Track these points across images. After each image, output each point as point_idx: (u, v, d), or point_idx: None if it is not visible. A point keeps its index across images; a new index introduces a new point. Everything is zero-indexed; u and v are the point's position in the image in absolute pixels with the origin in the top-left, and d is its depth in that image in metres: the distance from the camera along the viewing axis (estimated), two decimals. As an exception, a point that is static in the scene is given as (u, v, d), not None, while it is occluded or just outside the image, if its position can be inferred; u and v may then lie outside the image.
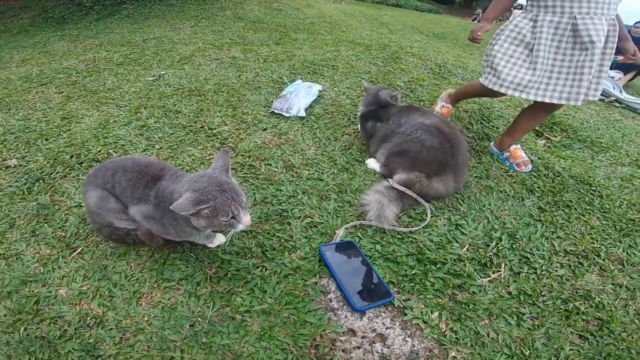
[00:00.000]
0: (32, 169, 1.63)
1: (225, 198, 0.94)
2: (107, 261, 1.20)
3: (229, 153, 1.07)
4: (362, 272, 1.18)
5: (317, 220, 1.38)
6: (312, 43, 3.45)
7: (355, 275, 1.16)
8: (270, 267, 1.19)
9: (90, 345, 0.98)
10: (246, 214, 0.99)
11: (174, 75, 2.54)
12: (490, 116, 2.29)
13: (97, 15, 4.50)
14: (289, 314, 1.07)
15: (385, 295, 1.11)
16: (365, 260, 1.22)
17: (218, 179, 0.97)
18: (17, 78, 2.60)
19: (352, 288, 1.12)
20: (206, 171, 1.02)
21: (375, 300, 1.10)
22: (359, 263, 1.21)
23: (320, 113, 2.12)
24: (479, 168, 1.81)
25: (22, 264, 1.20)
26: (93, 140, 1.82)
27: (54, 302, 1.08)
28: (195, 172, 1.03)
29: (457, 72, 3.04)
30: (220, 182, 0.96)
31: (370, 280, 1.16)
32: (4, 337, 1.00)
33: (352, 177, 1.62)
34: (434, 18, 9.87)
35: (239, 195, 0.98)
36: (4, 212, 1.40)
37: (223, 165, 1.02)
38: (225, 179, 0.98)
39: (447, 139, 1.55)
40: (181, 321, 1.04)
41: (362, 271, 1.18)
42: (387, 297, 1.11)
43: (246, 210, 1.00)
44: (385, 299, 1.10)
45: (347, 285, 1.12)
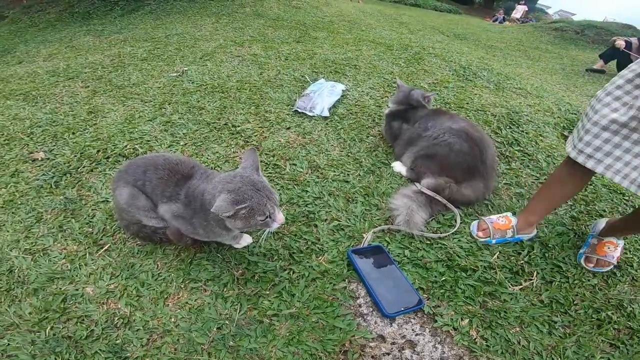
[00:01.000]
0: (59, 163, 1.65)
1: (260, 197, 0.93)
2: (134, 259, 1.20)
3: (257, 152, 1.04)
4: (391, 277, 1.15)
5: (344, 223, 1.34)
6: (333, 42, 3.41)
7: (384, 281, 1.13)
8: (297, 270, 1.16)
9: (117, 346, 0.97)
10: (280, 212, 0.98)
11: (197, 71, 2.54)
12: (520, 120, 2.21)
13: (121, 11, 4.57)
14: (317, 319, 1.04)
15: (415, 301, 1.08)
16: (394, 266, 1.18)
17: (251, 178, 0.95)
18: (44, 72, 2.65)
19: (382, 293, 1.09)
20: (237, 171, 1.00)
21: (405, 306, 1.06)
22: (388, 268, 1.18)
23: (344, 113, 2.08)
24: (509, 174, 1.75)
25: (49, 259, 1.20)
26: (119, 135, 1.83)
27: (81, 301, 1.08)
28: (226, 172, 1.01)
29: (482, 75, 2.95)
30: (253, 182, 0.95)
31: (400, 285, 1.13)
32: (29, 336, 0.99)
33: (379, 180, 1.59)
34: (453, 18, 9.69)
35: (273, 194, 0.97)
36: (31, 206, 1.41)
37: (253, 164, 1.01)
38: (258, 178, 0.97)
39: (476, 143, 1.50)
40: (208, 323, 1.02)
41: (391, 276, 1.15)
42: (417, 304, 1.07)
43: (279, 208, 0.98)
44: (415, 306, 1.07)
45: (377, 291, 1.09)
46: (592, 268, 1.29)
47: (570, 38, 7.12)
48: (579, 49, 6.61)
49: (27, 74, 2.65)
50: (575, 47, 6.71)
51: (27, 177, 1.58)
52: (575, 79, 4.38)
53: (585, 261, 1.31)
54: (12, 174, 1.61)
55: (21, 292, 1.11)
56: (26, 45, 3.76)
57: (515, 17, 14.28)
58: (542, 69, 4.48)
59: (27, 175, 1.60)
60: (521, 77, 3.23)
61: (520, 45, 6.11)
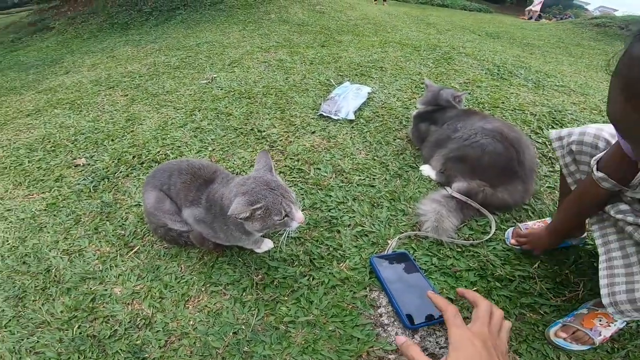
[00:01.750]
0: (98, 168, 1.75)
1: (275, 196, 0.91)
2: (160, 261, 1.23)
3: (269, 154, 1.03)
4: (416, 286, 1.08)
5: (368, 229, 1.29)
6: (358, 45, 3.37)
7: (408, 290, 1.06)
8: (317, 277, 1.13)
9: (137, 347, 0.99)
10: (298, 210, 0.96)
11: (225, 78, 2.61)
12: (563, 119, 2.04)
13: (155, 21, 4.85)
14: (334, 327, 1.00)
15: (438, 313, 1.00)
16: (420, 274, 1.11)
17: (264, 179, 0.94)
18: (88, 81, 2.85)
19: (405, 303, 1.02)
20: (250, 173, 0.99)
21: (429, 317, 0.99)
22: (413, 276, 1.11)
23: (370, 116, 2.03)
24: (552, 177, 1.60)
25: (84, 260, 1.27)
26: (153, 142, 1.91)
27: (109, 301, 1.12)
28: (241, 176, 1.01)
29: (519, 73, 2.77)
30: (266, 181, 0.94)
31: (425, 295, 1.06)
32: (58, 334, 1.04)
33: (406, 184, 1.52)
34: (484, 17, 9.29)
35: (288, 192, 0.95)
36: (71, 209, 1.50)
37: (266, 165, 1.00)
38: (271, 178, 0.96)
39: (512, 144, 1.38)
40: (225, 328, 1.02)
41: (416, 285, 1.08)
42: (440, 317, 0.99)
43: (297, 206, 0.96)
44: (441, 317, 0.99)
45: (400, 300, 1.03)
46: (562, 342, 0.96)
47: (615, 34, 6.56)
48: (624, 44, 6.06)
49: (73, 84, 2.87)
50: (620, 43, 6.10)
51: (69, 182, 1.69)
52: None
53: (558, 331, 0.97)
54: (56, 178, 1.73)
55: (55, 291, 1.17)
56: (72, 55, 4.09)
57: (533, 9, 13.48)
58: (586, 66, 4.14)
59: (69, 180, 1.71)
60: (563, 75, 2.99)
61: (560, 42, 5.71)
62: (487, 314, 0.75)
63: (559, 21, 10.06)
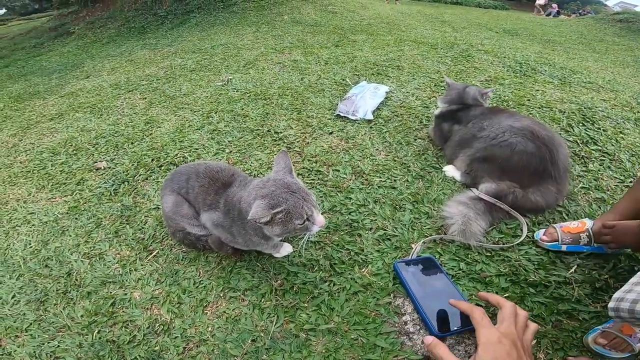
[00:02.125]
0: (118, 172, 1.76)
1: (296, 199, 0.87)
2: (179, 266, 1.21)
3: (288, 154, 1.00)
4: (443, 292, 1.02)
5: (391, 232, 1.24)
6: (372, 44, 3.32)
7: (435, 296, 1.00)
8: (338, 282, 1.09)
9: (155, 353, 0.97)
10: (319, 214, 0.92)
11: (241, 79, 2.60)
12: (594, 117, 1.92)
13: (170, 24, 4.93)
14: (357, 336, 0.96)
15: (470, 319, 0.94)
16: (447, 279, 1.05)
17: (284, 181, 0.90)
18: (108, 85, 2.91)
19: (432, 310, 0.97)
20: (269, 175, 0.96)
21: (458, 325, 0.93)
22: (440, 282, 1.05)
23: (389, 116, 1.97)
24: (586, 177, 1.51)
25: (104, 264, 1.26)
26: (171, 144, 1.91)
27: (128, 305, 1.11)
28: (259, 178, 0.97)
29: (543, 69, 2.65)
30: (287, 184, 0.90)
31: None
32: (78, 338, 1.03)
33: (429, 186, 1.46)
34: (500, 14, 9.03)
35: (309, 195, 0.91)
36: (92, 212, 1.51)
37: (285, 167, 0.96)
38: (291, 180, 0.92)
39: (545, 143, 1.30)
40: (244, 335, 0.99)
41: (443, 291, 1.02)
42: (470, 324, 0.94)
43: (318, 209, 0.92)
44: (470, 325, 0.93)
45: (426, 307, 0.97)
46: (601, 350, 0.89)
47: (639, 29, 6.26)
48: None
49: (94, 88, 2.93)
50: None
51: (90, 185, 1.71)
52: None
53: (597, 337, 0.90)
54: (78, 182, 1.75)
55: (76, 294, 1.17)
56: (92, 60, 4.19)
57: (540, 3, 13.03)
58: (613, 62, 3.95)
59: (90, 183, 1.73)
60: (589, 71, 2.86)
61: (582, 38, 5.50)
62: (513, 315, 0.76)
63: (578, 17, 9.71)
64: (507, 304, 0.78)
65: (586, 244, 1.12)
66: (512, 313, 0.76)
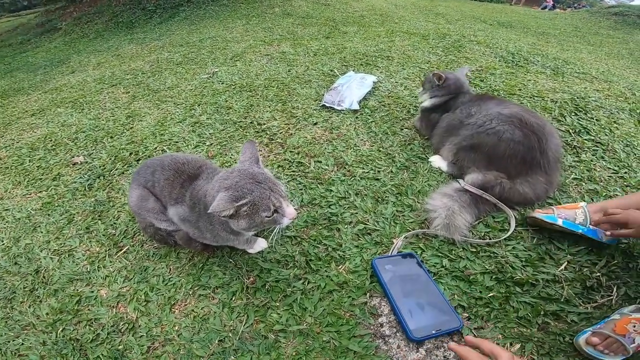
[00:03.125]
0: (95, 166, 1.70)
1: (262, 190, 0.81)
2: (149, 262, 1.16)
3: (255, 143, 0.94)
4: (424, 292, 0.96)
5: (371, 226, 1.18)
6: (364, 35, 3.24)
7: (414, 296, 0.95)
8: (313, 280, 1.03)
9: (118, 352, 0.94)
10: (289, 205, 0.85)
11: (227, 72, 2.53)
12: (587, 107, 1.86)
13: (159, 19, 4.84)
14: (329, 338, 0.90)
15: (451, 322, 0.88)
16: (428, 278, 0.99)
17: (249, 171, 0.84)
18: (92, 80, 2.84)
19: (410, 311, 0.91)
20: (235, 166, 0.89)
21: (437, 328, 0.87)
22: (420, 281, 0.99)
23: (376, 106, 1.91)
24: (578, 168, 1.44)
25: (73, 261, 1.22)
26: (151, 138, 1.85)
27: (94, 303, 1.07)
28: (224, 170, 0.91)
29: (536, 60, 2.58)
30: (253, 174, 0.84)
31: (434, 302, 0.93)
32: (42, 336, 1.00)
33: (414, 177, 1.39)
34: (496, 7, 8.91)
35: (277, 185, 0.85)
36: (65, 208, 1.46)
37: (252, 156, 0.90)
38: (257, 170, 0.86)
39: (534, 131, 1.24)
40: (211, 335, 0.94)
41: (424, 291, 0.96)
42: (453, 325, 0.88)
43: (288, 200, 0.86)
44: (450, 327, 0.87)
45: (404, 308, 0.91)
46: (593, 352, 0.84)
47: (634, 22, 6.21)
48: None
49: (78, 83, 2.86)
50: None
51: (66, 181, 1.65)
52: None
53: (589, 337, 0.85)
54: (54, 177, 1.69)
55: (43, 292, 1.13)
56: (79, 55, 4.10)
57: None
58: (607, 54, 3.88)
59: (66, 178, 1.67)
60: (583, 62, 2.79)
61: (576, 31, 5.42)
62: None
63: (574, 11, 9.62)
64: (504, 354, 0.70)
65: (582, 222, 1.06)
66: None
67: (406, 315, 0.89)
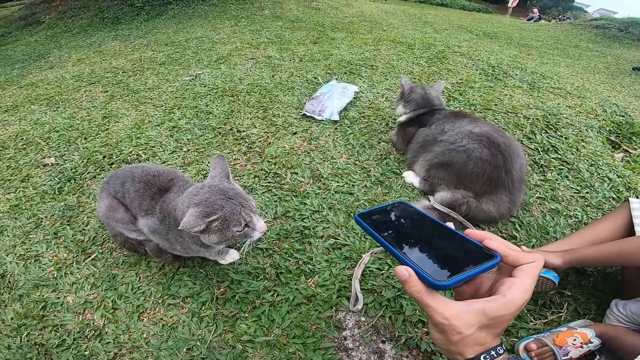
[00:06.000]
0: (66, 168, 1.66)
1: (233, 206, 0.83)
2: (118, 270, 1.15)
3: (225, 158, 0.95)
4: (433, 234, 0.59)
5: (342, 241, 1.21)
6: (351, 42, 3.28)
7: (423, 241, 0.58)
8: (282, 293, 1.05)
9: (84, 357, 0.94)
10: (260, 219, 0.87)
11: (210, 75, 2.51)
12: (558, 124, 1.95)
13: (146, 16, 4.74)
14: (295, 350, 0.93)
15: (481, 256, 0.50)
16: (432, 219, 0.61)
17: (220, 187, 0.86)
18: (70, 77, 2.76)
19: (422, 258, 0.53)
20: (204, 182, 0.90)
21: (467, 266, 0.48)
22: (424, 223, 0.62)
23: (356, 117, 1.94)
24: (543, 187, 1.52)
25: (39, 266, 1.19)
26: (126, 141, 1.82)
27: (60, 309, 1.06)
28: (194, 185, 0.92)
29: (514, 74, 2.68)
30: (223, 190, 0.85)
31: (451, 242, 0.56)
32: (7, 340, 0.99)
33: (387, 192, 1.43)
34: (483, 17, 9.17)
35: (248, 200, 0.87)
36: (33, 212, 1.42)
37: (222, 172, 0.91)
38: (228, 186, 0.87)
39: (500, 150, 1.29)
40: (179, 343, 0.95)
41: (432, 233, 0.59)
42: (487, 260, 0.49)
43: (258, 215, 0.88)
44: (486, 263, 0.48)
45: (413, 255, 0.53)
46: (525, 357, 0.91)
47: (614, 36, 6.49)
48: (623, 46, 5.98)
49: (55, 79, 2.77)
50: (619, 45, 6.08)
51: (35, 183, 1.61)
52: (621, 78, 3.90)
53: (529, 343, 0.92)
54: (22, 178, 1.64)
55: (8, 297, 1.11)
56: (60, 50, 3.98)
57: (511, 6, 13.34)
58: (584, 68, 4.05)
59: (36, 180, 1.63)
60: (560, 76, 2.90)
61: (557, 43, 5.62)
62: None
63: (557, 22, 9.96)
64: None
65: None
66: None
67: (420, 262, 0.52)
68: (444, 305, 0.42)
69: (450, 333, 0.41)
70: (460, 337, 0.41)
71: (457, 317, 0.41)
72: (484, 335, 0.42)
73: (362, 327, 0.98)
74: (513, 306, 0.42)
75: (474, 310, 0.41)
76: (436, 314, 0.42)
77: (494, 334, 0.43)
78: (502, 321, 0.42)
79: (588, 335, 0.92)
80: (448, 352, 0.44)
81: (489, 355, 0.42)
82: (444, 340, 0.43)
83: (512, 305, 0.41)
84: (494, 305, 0.42)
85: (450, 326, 0.41)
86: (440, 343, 0.44)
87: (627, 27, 6.73)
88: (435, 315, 0.42)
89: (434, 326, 0.43)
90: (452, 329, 0.41)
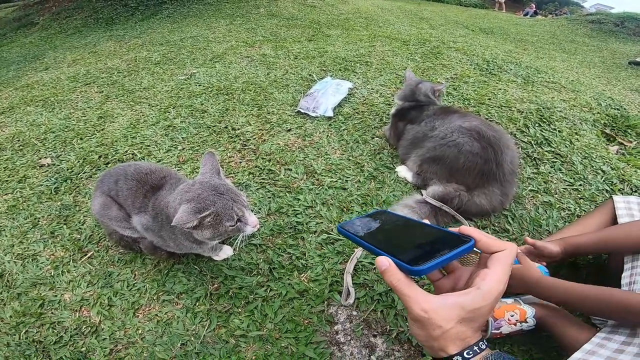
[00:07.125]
0: (62, 169, 1.67)
1: (225, 201, 0.85)
2: (113, 268, 1.17)
3: (215, 155, 0.96)
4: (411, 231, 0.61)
5: (335, 236, 1.22)
6: (346, 39, 3.28)
7: (400, 237, 0.60)
8: (275, 288, 1.07)
9: (81, 354, 0.96)
10: (251, 214, 0.89)
11: (205, 73, 2.52)
12: (552, 117, 1.95)
13: (141, 16, 4.72)
14: (287, 344, 0.94)
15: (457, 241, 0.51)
16: (412, 220, 0.64)
17: (211, 183, 0.87)
18: (65, 78, 2.76)
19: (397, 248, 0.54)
20: (195, 178, 0.92)
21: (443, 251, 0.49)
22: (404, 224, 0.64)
23: (350, 113, 1.95)
24: (536, 180, 1.53)
25: (37, 265, 1.21)
26: (122, 140, 1.83)
27: (57, 307, 1.08)
28: (185, 182, 0.93)
29: (509, 68, 2.68)
30: (214, 186, 0.87)
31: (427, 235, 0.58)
32: (6, 338, 1.01)
33: (380, 187, 1.44)
34: (479, 13, 9.12)
35: (239, 196, 0.88)
36: (30, 211, 1.44)
37: (212, 168, 0.93)
38: (219, 182, 0.89)
39: (490, 143, 1.30)
40: (174, 338, 0.97)
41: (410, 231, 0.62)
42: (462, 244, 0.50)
43: (250, 210, 0.90)
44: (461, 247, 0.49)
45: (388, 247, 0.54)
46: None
47: (610, 30, 6.47)
48: (619, 41, 5.97)
49: (51, 80, 2.78)
50: (615, 39, 6.07)
51: (32, 183, 1.62)
52: (617, 72, 3.89)
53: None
54: (19, 179, 1.66)
55: (7, 295, 1.13)
56: (54, 51, 3.97)
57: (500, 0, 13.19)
58: (580, 63, 4.04)
59: (32, 181, 1.64)
60: (554, 71, 2.90)
61: (553, 38, 5.61)
62: None
63: (554, 17, 9.92)
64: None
65: None
66: None
67: (398, 253, 0.52)
68: (423, 298, 0.42)
69: (431, 327, 0.41)
70: (441, 331, 0.41)
71: (436, 310, 0.41)
72: (465, 329, 0.42)
73: (354, 321, 0.99)
74: (489, 297, 0.42)
75: (452, 303, 0.42)
76: (415, 304, 0.42)
77: (473, 327, 0.43)
78: (480, 314, 0.42)
79: (527, 313, 0.91)
80: (430, 348, 0.44)
81: (472, 351, 0.42)
82: (424, 336, 0.42)
83: (488, 296, 0.42)
84: (469, 297, 0.42)
85: (429, 320, 0.41)
86: (421, 339, 0.44)
87: (623, 22, 6.71)
88: (414, 306, 0.42)
89: (414, 321, 0.43)
90: (431, 323, 0.41)
